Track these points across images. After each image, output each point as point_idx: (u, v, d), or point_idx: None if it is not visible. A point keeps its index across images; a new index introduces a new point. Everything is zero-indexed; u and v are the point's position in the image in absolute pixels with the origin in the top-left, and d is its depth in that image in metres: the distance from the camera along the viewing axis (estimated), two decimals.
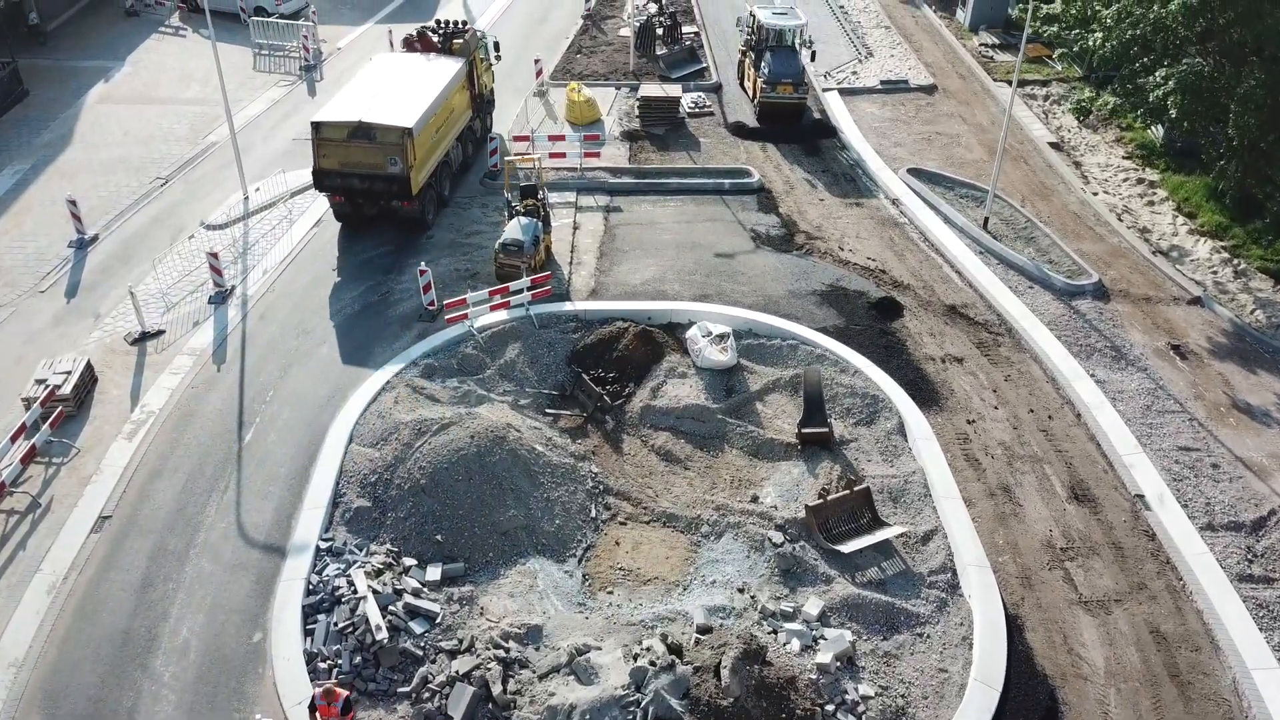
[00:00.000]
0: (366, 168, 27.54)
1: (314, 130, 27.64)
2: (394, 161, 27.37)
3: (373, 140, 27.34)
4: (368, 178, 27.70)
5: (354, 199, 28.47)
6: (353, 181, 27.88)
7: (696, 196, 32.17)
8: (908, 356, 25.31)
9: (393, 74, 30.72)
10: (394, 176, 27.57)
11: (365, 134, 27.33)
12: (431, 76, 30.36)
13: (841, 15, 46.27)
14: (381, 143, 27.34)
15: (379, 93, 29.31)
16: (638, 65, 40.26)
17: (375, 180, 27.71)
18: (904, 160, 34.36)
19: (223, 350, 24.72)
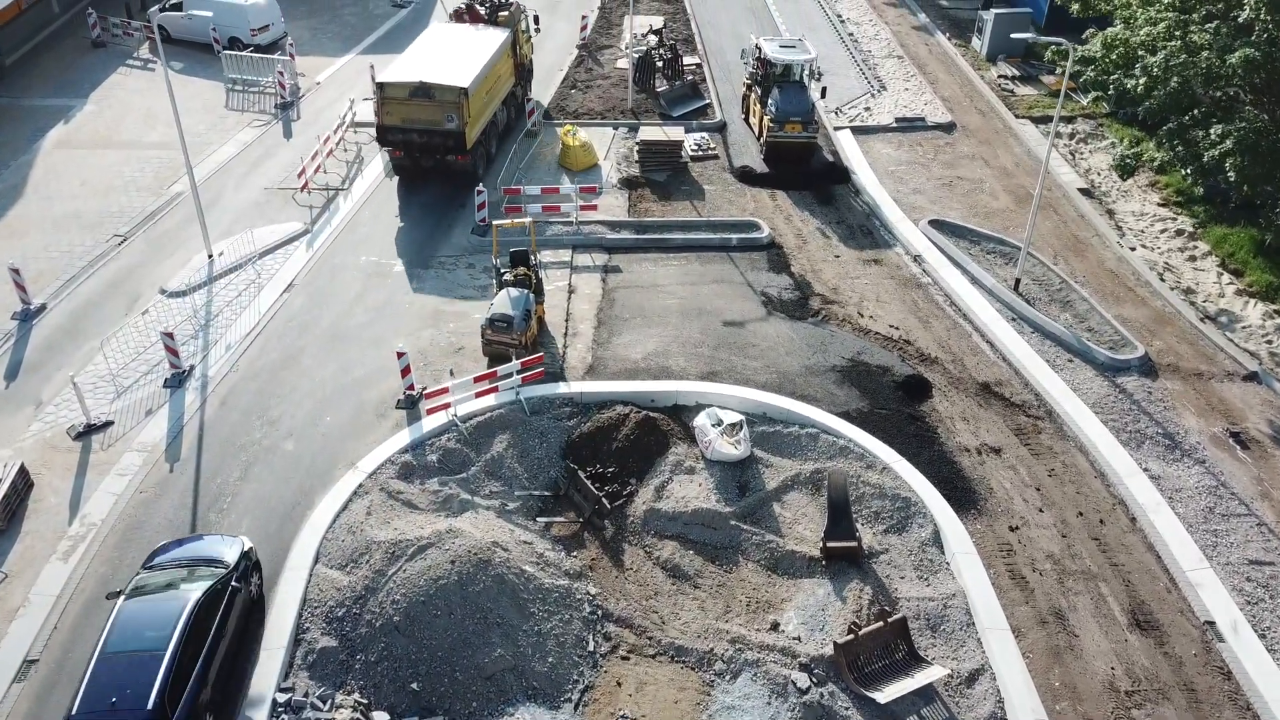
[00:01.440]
0: (425, 123, 30.40)
1: (378, 90, 30.54)
2: (451, 118, 30.22)
3: (432, 98, 30.13)
4: (426, 133, 30.54)
5: (412, 153, 31.25)
6: (412, 136, 30.76)
7: (702, 254, 29.65)
8: (940, 447, 22.80)
9: (446, 41, 33.85)
10: (450, 132, 30.44)
11: (425, 93, 30.13)
12: (481, 44, 33.30)
13: (851, 44, 43.80)
14: (440, 101, 30.13)
15: (436, 57, 32.29)
16: (636, 102, 37.75)
17: (433, 135, 30.57)
18: (924, 209, 31.87)
19: (177, 445, 22.13)
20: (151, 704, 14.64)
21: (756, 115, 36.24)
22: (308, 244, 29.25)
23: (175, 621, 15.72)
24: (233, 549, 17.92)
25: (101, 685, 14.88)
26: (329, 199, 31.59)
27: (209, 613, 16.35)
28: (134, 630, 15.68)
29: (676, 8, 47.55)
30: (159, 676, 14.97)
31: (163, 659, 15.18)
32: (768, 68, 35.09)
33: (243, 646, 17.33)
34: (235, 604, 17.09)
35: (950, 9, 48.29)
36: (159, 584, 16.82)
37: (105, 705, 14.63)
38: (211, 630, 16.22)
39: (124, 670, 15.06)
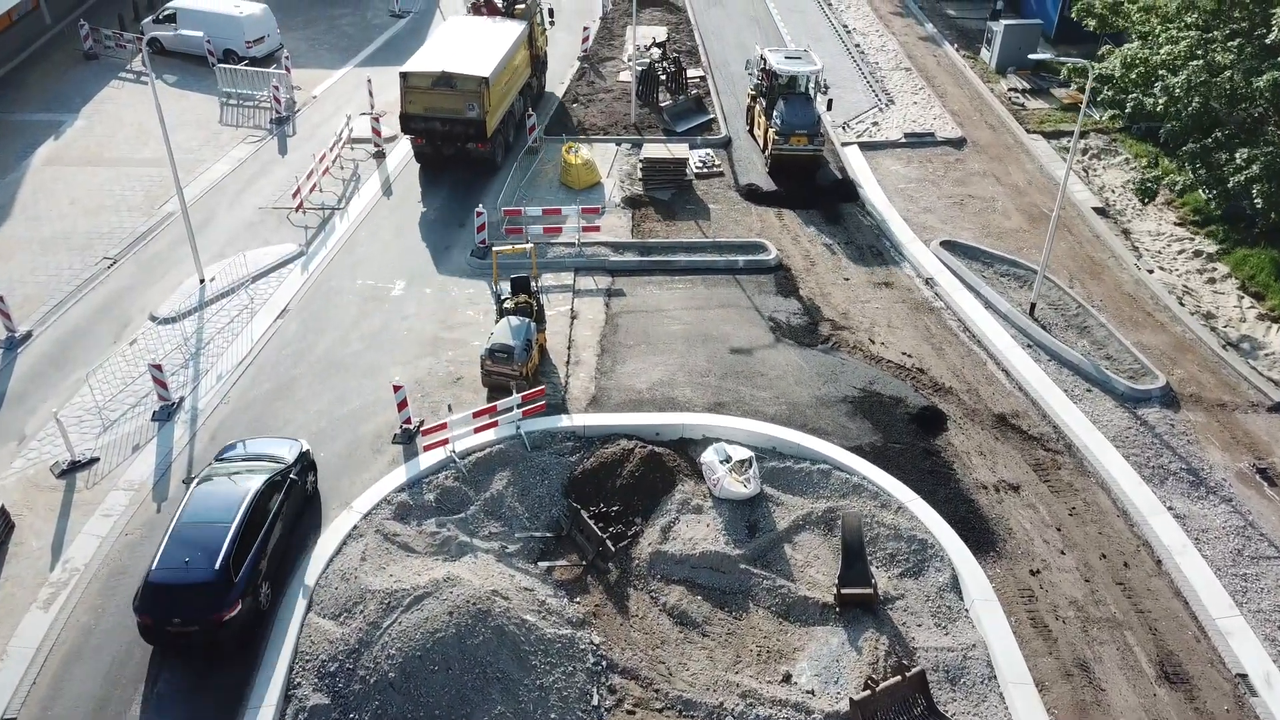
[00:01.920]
0: (447, 112, 31.30)
1: (402, 79, 31.48)
2: (472, 107, 31.15)
3: (453, 88, 31.02)
4: (448, 121, 31.46)
5: (434, 141, 32.10)
6: (435, 124, 31.65)
7: (708, 276, 28.83)
8: (956, 484, 21.99)
9: (466, 33, 34.92)
10: (471, 120, 31.35)
11: (447, 82, 31.03)
12: (499, 36, 34.24)
13: (858, 56, 42.98)
14: (461, 90, 31.01)
15: (456, 48, 33.32)
16: (639, 117, 36.93)
17: (455, 124, 31.48)
18: (935, 229, 31.05)
19: (164, 483, 21.32)
20: (218, 566, 17.30)
21: (761, 127, 35.47)
22: (303, 266, 28.45)
23: (240, 503, 18.27)
24: (292, 450, 20.51)
25: (176, 551, 17.45)
26: (325, 219, 30.80)
27: (268, 498, 18.84)
28: (204, 507, 18.26)
29: (680, 18, 46.77)
30: (224, 545, 17.54)
31: (228, 531, 17.73)
32: (773, 79, 34.32)
33: (296, 532, 19.81)
34: (291, 494, 19.69)
35: (958, 19, 47.51)
36: (227, 472, 19.33)
37: (179, 565, 17.25)
38: (270, 513, 18.75)
39: (195, 539, 17.63)
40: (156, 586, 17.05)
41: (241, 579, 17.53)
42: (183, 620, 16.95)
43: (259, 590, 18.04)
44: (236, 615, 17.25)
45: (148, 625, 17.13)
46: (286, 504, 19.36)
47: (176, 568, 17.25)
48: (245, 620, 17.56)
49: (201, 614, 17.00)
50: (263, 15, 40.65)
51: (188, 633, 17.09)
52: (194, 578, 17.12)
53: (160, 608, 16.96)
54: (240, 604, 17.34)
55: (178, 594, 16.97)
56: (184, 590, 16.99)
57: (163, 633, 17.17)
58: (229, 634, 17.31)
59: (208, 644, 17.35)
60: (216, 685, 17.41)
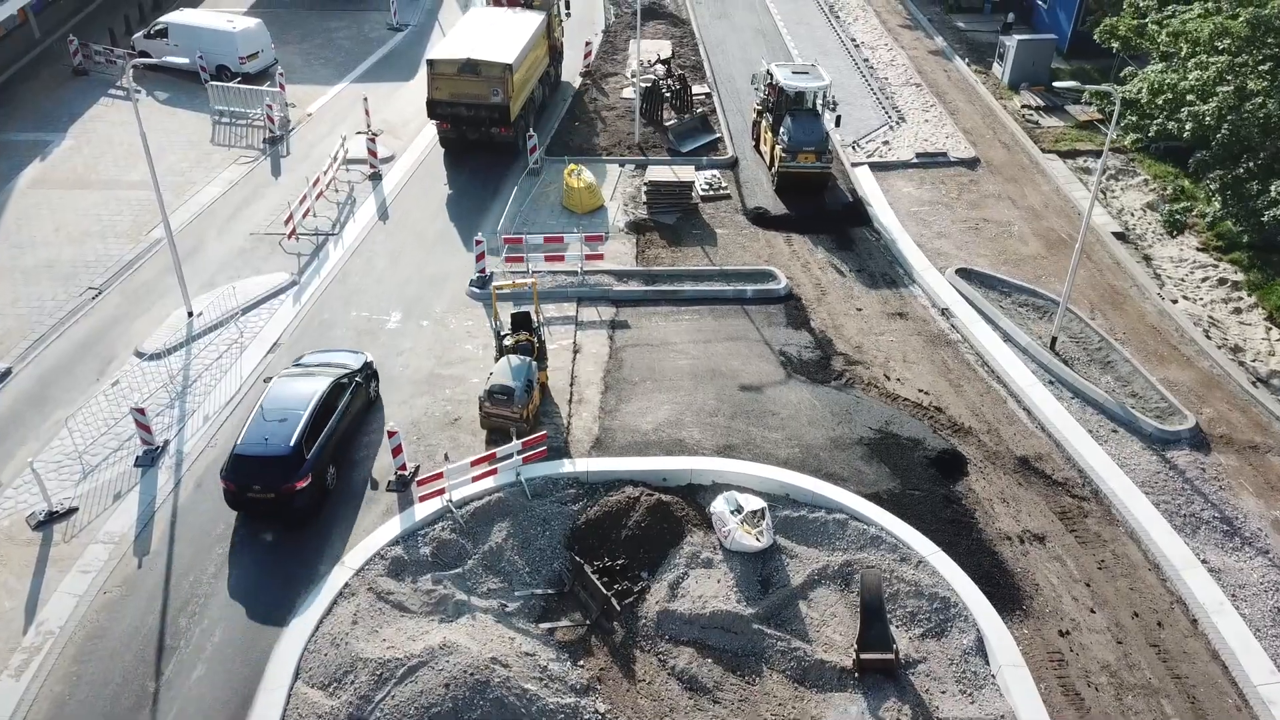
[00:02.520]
0: (472, 98, 32.74)
1: (429, 66, 32.93)
2: (496, 92, 32.54)
3: (479, 74, 32.40)
4: (473, 106, 32.92)
5: (459, 126, 33.61)
6: (460, 110, 33.11)
7: (715, 307, 27.78)
8: (978, 535, 20.93)
9: (489, 22, 36.24)
10: (496, 105, 32.79)
11: (472, 69, 32.38)
12: (521, 26, 35.63)
13: (867, 71, 41.94)
14: (486, 76, 32.40)
15: (480, 36, 34.66)
16: (643, 136, 35.89)
17: (479, 109, 32.95)
18: (950, 256, 30.01)
19: (147, 536, 20.26)
20: (292, 444, 20.06)
21: (768, 144, 34.54)
22: (294, 297, 27.41)
23: (312, 396, 21.04)
24: (357, 359, 23.45)
25: (257, 430, 20.29)
26: (318, 245, 29.77)
27: (335, 396, 21.60)
28: (282, 399, 21.07)
29: (684, 31, 45.74)
30: (298, 428, 20.32)
31: (302, 417, 20.55)
32: (779, 95, 33.35)
33: (358, 429, 22.64)
34: (355, 395, 22.45)
35: (968, 32, 46.48)
36: (300, 373, 22.32)
37: (260, 442, 20.03)
38: (336, 408, 21.50)
39: (274, 422, 20.45)
40: (241, 457, 19.91)
41: (311, 457, 20.30)
42: (261, 488, 19.78)
43: (326, 470, 20.82)
44: (306, 487, 20.00)
45: (231, 491, 19.98)
46: (351, 403, 22.19)
47: (258, 443, 20.06)
48: (313, 493, 20.28)
49: (277, 483, 19.77)
50: (257, 30, 39.65)
51: (265, 499, 19.90)
52: (272, 452, 19.92)
53: (243, 476, 19.79)
54: (310, 478, 20.07)
55: (258, 465, 19.79)
56: (263, 462, 19.80)
57: (244, 498, 19.97)
58: (299, 502, 20.03)
59: (280, 510, 20.06)
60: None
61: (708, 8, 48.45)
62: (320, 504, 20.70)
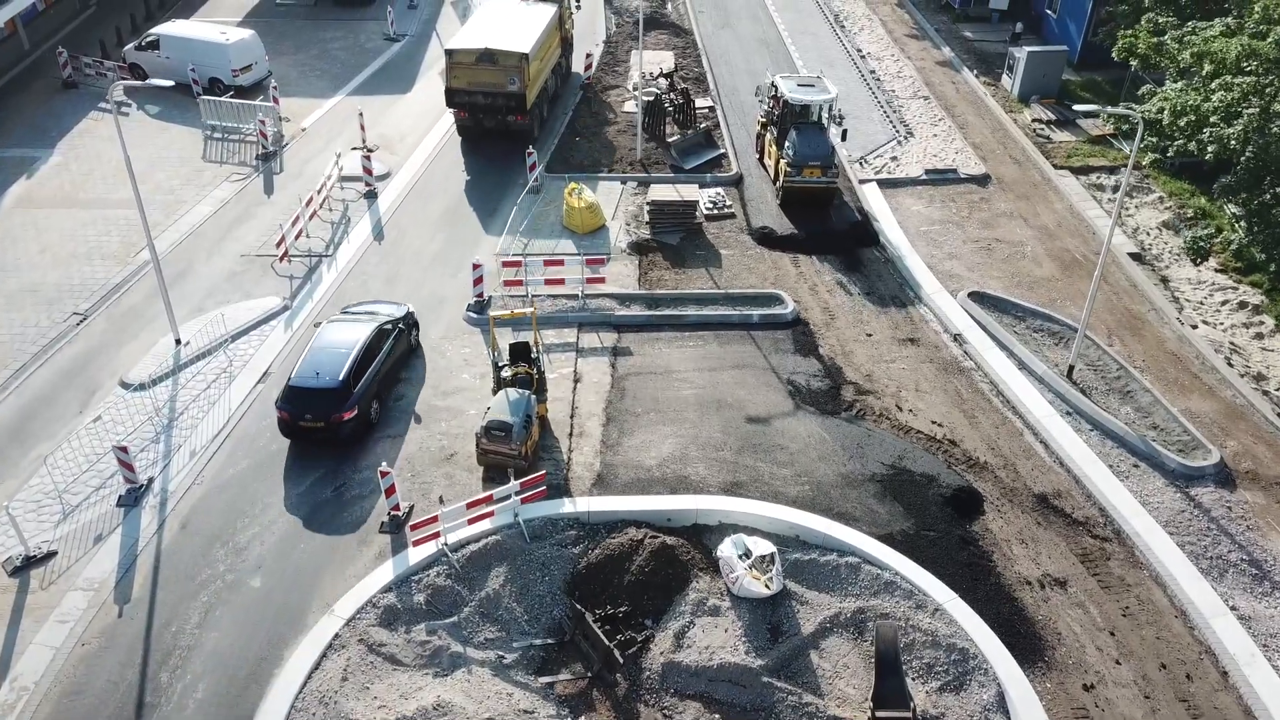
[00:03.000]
0: (490, 86, 33.60)
1: (448, 56, 33.78)
2: (513, 80, 33.42)
3: (496, 63, 33.25)
4: (490, 95, 33.77)
5: (477, 114, 34.45)
6: (478, 98, 33.97)
7: (721, 332, 26.91)
8: (997, 579, 20.05)
9: (504, 13, 36.81)
10: (512, 94, 33.67)
11: (490, 58, 33.22)
12: (535, 17, 36.49)
13: (874, 83, 41.07)
14: (503, 65, 33.28)
15: (496, 26, 35.37)
16: (646, 152, 35.02)
17: (496, 97, 33.78)
18: (962, 278, 29.14)
19: (128, 581, 19.39)
20: (341, 378, 22.13)
21: (772, 157, 33.78)
22: (286, 323, 26.54)
23: (359, 339, 23.06)
24: (400, 310, 25.47)
25: (309, 366, 22.38)
26: (311, 267, 28.91)
27: (379, 340, 23.55)
28: (331, 339, 23.16)
29: (687, 41, 44.86)
30: (346, 364, 22.39)
31: (349, 355, 22.60)
32: (784, 107, 32.55)
33: (398, 373, 24.62)
34: (397, 340, 24.38)
35: (976, 42, 45.61)
36: (348, 319, 24.37)
37: (312, 376, 22.16)
38: (380, 351, 23.45)
39: (324, 359, 22.56)
40: (294, 389, 22.04)
41: (358, 392, 22.32)
42: (312, 417, 21.82)
43: (370, 406, 22.80)
44: (352, 418, 22.09)
45: (285, 420, 22.01)
46: (394, 347, 24.08)
47: (310, 377, 22.14)
48: (358, 424, 22.37)
49: (326, 413, 21.81)
50: (250, 42, 38.80)
51: (315, 427, 21.93)
52: (323, 385, 22.00)
53: (296, 406, 21.86)
54: (356, 410, 22.13)
55: (310, 396, 21.88)
56: (315, 394, 21.89)
57: (296, 427, 22.00)
58: (345, 432, 22.12)
59: (328, 438, 22.09)
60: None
61: (710, 17, 47.59)
62: (364, 434, 22.72)
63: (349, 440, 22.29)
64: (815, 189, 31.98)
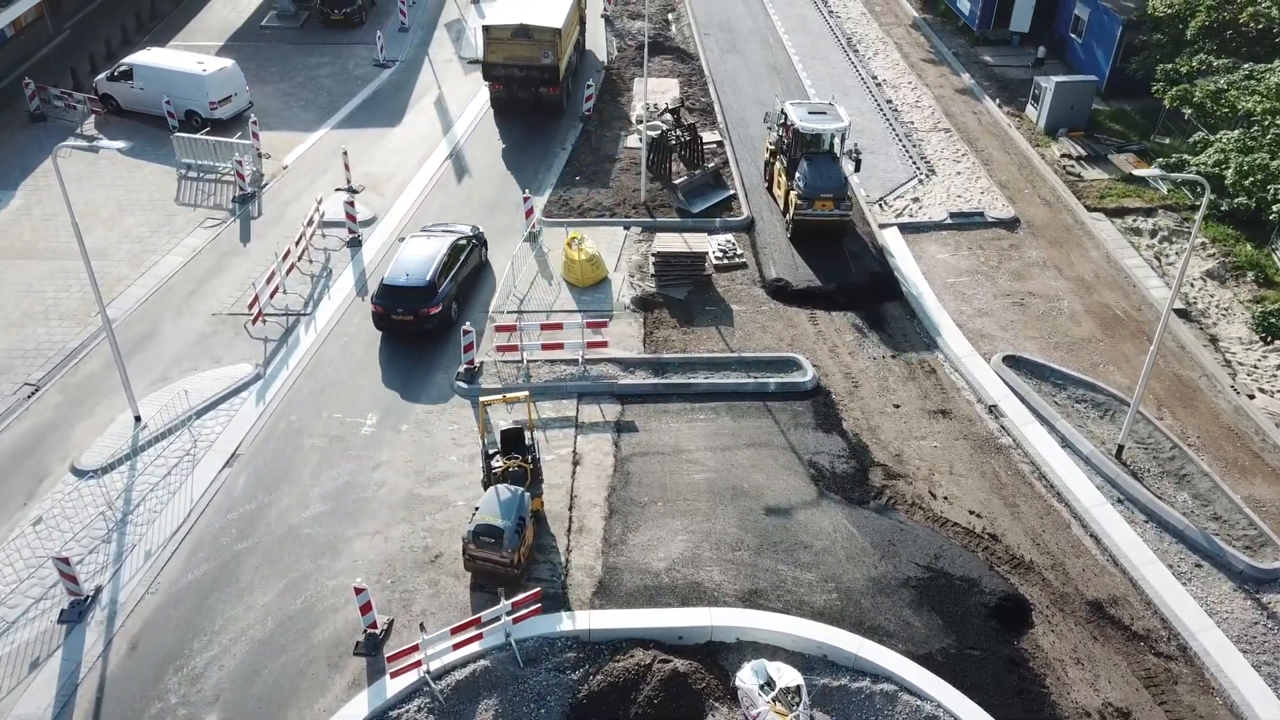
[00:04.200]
0: (524, 60, 35.83)
1: (485, 32, 36.07)
2: (547, 54, 35.65)
3: (530, 38, 35.41)
4: (525, 68, 35.97)
5: (511, 86, 36.59)
6: (513, 71, 36.14)
7: (734, 403, 24.59)
8: (1052, 709, 17.76)
9: None
10: (546, 66, 35.85)
11: (525, 33, 35.39)
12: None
13: (891, 114, 38.75)
14: (537, 40, 35.46)
15: (528, 4, 36.92)
16: (650, 193, 32.71)
17: (530, 70, 36.00)
18: (994, 338, 26.85)
19: (68, 717, 17.05)
20: (428, 278, 25.28)
21: (782, 188, 31.84)
22: (257, 395, 24.22)
23: (441, 247, 26.34)
24: (470, 228, 28.76)
25: (400, 268, 25.51)
26: (288, 328, 26.60)
27: (456, 251, 26.87)
28: (415, 248, 26.42)
29: (692, 67, 42.53)
30: (432, 267, 25.57)
31: (434, 259, 25.83)
32: (794, 136, 30.62)
33: (471, 284, 27.96)
34: (470, 253, 27.78)
35: (997, 67, 43.26)
36: (427, 235, 27.45)
37: (403, 276, 25.27)
38: (457, 260, 26.79)
39: (412, 263, 25.78)
40: (388, 286, 25.31)
41: (441, 291, 25.66)
42: (403, 311, 25.18)
43: (451, 304, 26.24)
44: (437, 313, 25.48)
45: (379, 314, 25.41)
46: (467, 258, 27.51)
47: (400, 276, 25.42)
48: (442, 318, 25.77)
49: (415, 308, 25.19)
50: (230, 72, 36.46)
51: (405, 320, 25.33)
52: (412, 283, 25.35)
53: (389, 301, 25.23)
54: (440, 307, 25.48)
55: (401, 293, 25.27)
56: (405, 290, 25.29)
57: (389, 320, 25.40)
58: (430, 325, 25.46)
59: (416, 330, 25.51)
60: None
61: (717, 41, 45.27)
62: (446, 328, 25.98)
63: (434, 333, 25.71)
64: (827, 222, 30.15)
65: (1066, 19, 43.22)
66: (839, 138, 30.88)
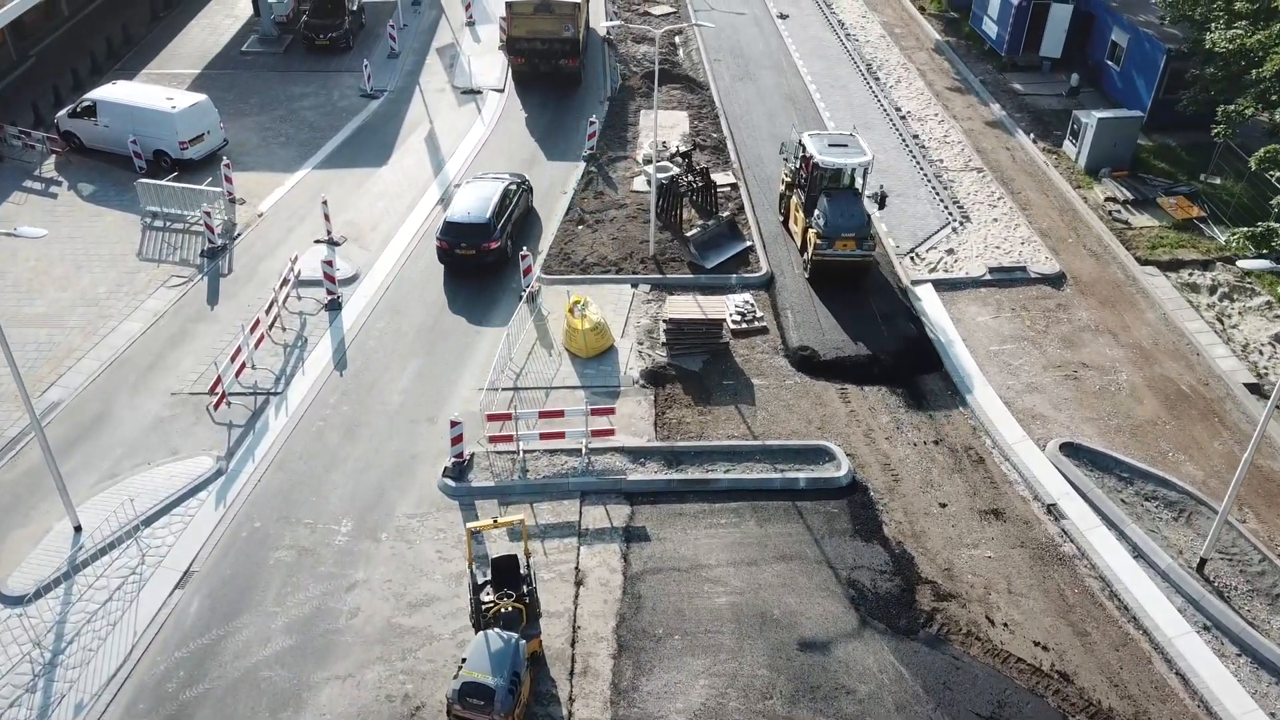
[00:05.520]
0: (547, 33, 38.20)
1: (509, 8, 38.18)
2: (568, 28, 38.03)
3: (552, 12, 37.76)
4: (547, 41, 38.36)
5: (534, 59, 38.96)
6: (536, 44, 38.47)
7: (759, 503, 21.68)
8: None
9: None
10: (567, 39, 38.30)
11: (546, 7, 37.68)
12: None
13: (919, 152, 35.83)
14: (559, 14, 37.81)
15: None
16: (660, 244, 29.81)
17: (553, 43, 38.39)
18: (1048, 420, 23.96)
19: None
20: (488, 215, 28.10)
21: (799, 224, 29.53)
22: (218, 497, 21.31)
23: (496, 190, 29.06)
24: (519, 177, 31.11)
25: (461, 208, 28.38)
26: (255, 410, 23.71)
27: (508, 196, 29.32)
28: (474, 191, 29.20)
29: (702, 98, 39.63)
30: (491, 206, 28.36)
31: (491, 200, 28.53)
32: (813, 169, 28.31)
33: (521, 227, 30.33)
34: (521, 197, 30.33)
35: (1027, 96, 40.37)
36: (481, 180, 30.16)
37: (465, 214, 28.13)
38: (511, 203, 29.35)
39: (472, 203, 28.46)
40: (451, 223, 27.79)
41: (500, 228, 27.97)
42: (465, 245, 27.62)
43: (506, 242, 28.39)
44: (496, 248, 27.79)
45: (444, 248, 27.78)
46: (519, 201, 29.89)
47: (463, 215, 27.87)
48: (500, 254, 28.03)
49: (476, 242, 27.60)
50: (201, 108, 33.52)
51: (468, 254, 27.69)
52: (473, 220, 27.79)
53: (453, 236, 27.66)
54: (498, 242, 27.82)
55: (464, 229, 27.68)
56: (467, 227, 27.72)
57: (453, 254, 27.78)
58: (490, 259, 27.77)
59: (478, 263, 27.82)
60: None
61: (728, 67, 42.37)
62: (503, 263, 28.33)
63: (493, 267, 28.08)
64: (849, 263, 27.94)
65: (1103, 45, 40.32)
66: (862, 173, 28.48)
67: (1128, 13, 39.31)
